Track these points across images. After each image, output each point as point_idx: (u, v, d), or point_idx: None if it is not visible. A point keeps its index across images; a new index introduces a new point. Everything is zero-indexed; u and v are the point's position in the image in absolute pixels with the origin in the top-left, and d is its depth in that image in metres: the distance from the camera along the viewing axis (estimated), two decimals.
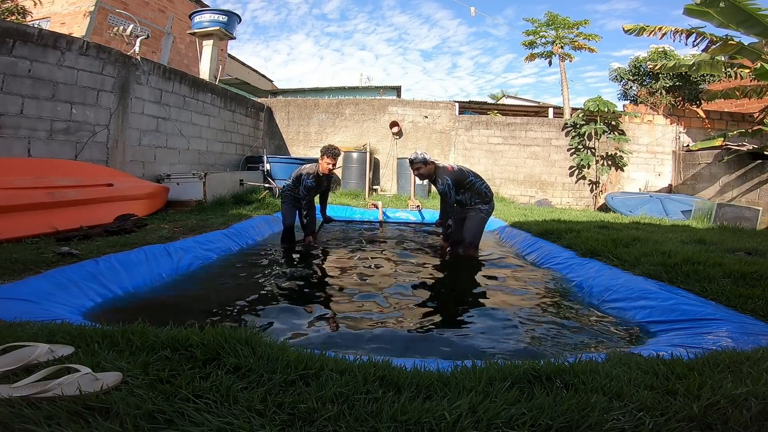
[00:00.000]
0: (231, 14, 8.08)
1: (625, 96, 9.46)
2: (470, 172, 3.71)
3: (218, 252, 3.41)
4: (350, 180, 8.08)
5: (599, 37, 8.74)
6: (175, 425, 0.90)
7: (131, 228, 3.55)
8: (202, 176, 5.28)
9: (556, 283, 3.01)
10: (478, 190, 3.64)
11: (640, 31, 6.69)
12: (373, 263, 3.47)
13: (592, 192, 8.39)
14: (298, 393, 1.04)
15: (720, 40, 6.00)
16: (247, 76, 14.23)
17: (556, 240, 3.91)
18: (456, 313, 2.44)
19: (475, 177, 3.67)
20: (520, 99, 15.99)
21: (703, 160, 7.55)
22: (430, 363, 1.33)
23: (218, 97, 6.97)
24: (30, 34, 3.89)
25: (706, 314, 1.94)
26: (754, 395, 1.06)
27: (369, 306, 2.40)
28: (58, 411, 0.92)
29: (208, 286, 2.69)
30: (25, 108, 3.86)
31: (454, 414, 0.96)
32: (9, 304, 1.73)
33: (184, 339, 1.27)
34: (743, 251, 3.15)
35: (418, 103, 8.88)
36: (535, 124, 8.62)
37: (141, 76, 5.15)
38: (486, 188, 3.71)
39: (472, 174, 3.70)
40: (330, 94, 11.90)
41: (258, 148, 8.30)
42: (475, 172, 3.77)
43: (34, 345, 1.17)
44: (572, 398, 1.05)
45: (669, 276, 2.54)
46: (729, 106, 9.27)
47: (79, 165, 4.19)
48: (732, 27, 5.54)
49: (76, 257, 2.50)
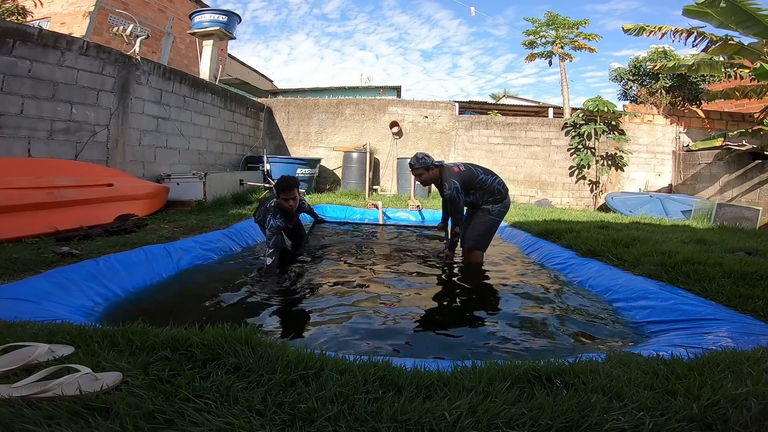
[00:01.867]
0: (231, 14, 8.08)
1: (625, 96, 9.47)
2: (480, 169, 3.29)
3: (218, 252, 3.41)
4: (350, 180, 8.08)
5: (599, 37, 8.75)
6: (175, 425, 0.90)
7: (131, 228, 3.55)
8: (202, 176, 5.28)
9: (555, 283, 3.01)
10: (490, 188, 3.23)
11: (639, 31, 6.70)
12: (362, 280, 2.90)
13: (592, 192, 8.39)
14: (298, 393, 1.04)
15: (720, 40, 6.01)
16: (247, 76, 14.24)
17: (556, 240, 3.91)
18: (455, 312, 2.44)
19: (485, 174, 3.25)
20: (520, 99, 15.99)
21: (703, 160, 7.55)
22: (430, 363, 1.33)
23: (218, 97, 6.97)
24: (30, 34, 3.89)
25: (706, 314, 1.94)
26: (754, 395, 1.06)
27: (367, 305, 2.40)
28: (58, 411, 0.92)
29: (208, 286, 2.69)
30: (25, 108, 3.85)
31: (454, 414, 0.96)
32: (9, 304, 1.73)
33: (184, 339, 1.27)
34: (743, 251, 3.15)
35: (418, 103, 8.88)
36: (535, 124, 8.62)
37: (141, 76, 5.15)
38: (499, 184, 3.28)
39: (482, 171, 3.28)
40: (330, 94, 11.90)
41: (258, 148, 8.30)
42: (485, 168, 3.34)
43: (34, 345, 1.17)
44: (572, 398, 1.05)
45: (669, 276, 2.54)
46: (729, 106, 9.27)
47: (79, 165, 4.19)
48: (732, 27, 5.54)
49: (76, 257, 2.50)
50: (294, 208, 3.03)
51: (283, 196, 2.96)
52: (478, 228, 3.30)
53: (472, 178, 3.19)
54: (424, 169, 3.16)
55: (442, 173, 3.19)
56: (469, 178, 3.18)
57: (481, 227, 3.29)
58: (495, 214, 3.27)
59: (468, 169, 3.24)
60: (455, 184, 3.10)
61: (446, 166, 3.23)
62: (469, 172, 3.21)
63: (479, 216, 3.28)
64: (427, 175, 3.19)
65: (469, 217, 3.37)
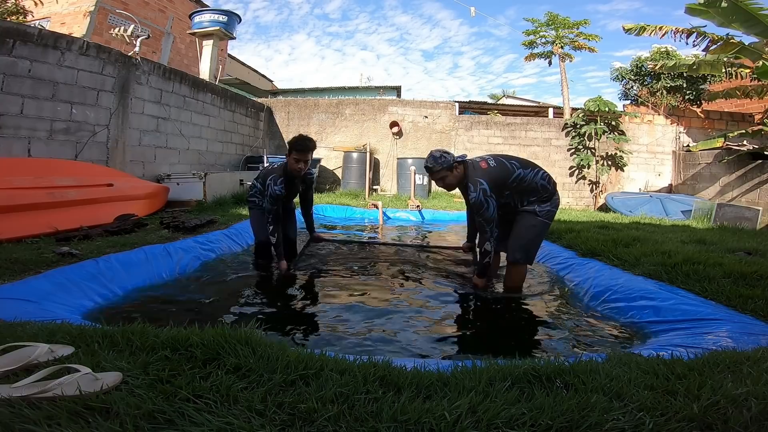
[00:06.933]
0: (231, 14, 8.08)
1: (626, 96, 9.46)
2: (516, 161, 2.50)
3: (218, 252, 3.41)
4: (350, 180, 8.08)
5: (599, 37, 8.75)
6: (175, 425, 0.90)
7: (131, 228, 3.55)
8: (202, 176, 5.28)
9: (555, 283, 3.01)
10: (531, 186, 2.47)
11: (640, 31, 6.70)
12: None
13: (592, 192, 8.39)
14: (298, 393, 1.04)
15: (721, 40, 6.01)
16: (247, 76, 14.24)
17: (556, 240, 3.91)
18: (454, 313, 2.44)
19: (523, 167, 2.47)
20: (520, 99, 16.00)
21: (703, 160, 7.55)
22: (430, 363, 1.33)
23: (218, 97, 6.97)
24: (30, 34, 3.89)
25: (706, 314, 1.94)
26: (754, 395, 1.05)
27: (370, 301, 2.40)
28: (58, 411, 0.92)
29: (208, 286, 2.69)
30: (25, 108, 3.85)
31: (454, 414, 0.96)
32: (9, 304, 1.73)
33: (184, 339, 1.27)
34: (743, 251, 3.15)
35: (418, 103, 8.88)
36: (535, 124, 8.62)
37: (141, 76, 5.15)
38: (543, 179, 2.50)
39: (519, 163, 2.49)
40: (330, 94, 11.90)
41: (258, 148, 8.30)
42: (522, 159, 2.56)
43: (34, 345, 1.17)
44: (572, 398, 1.05)
45: (669, 276, 2.54)
46: (729, 106, 9.27)
47: (79, 165, 4.19)
48: (733, 26, 5.54)
49: (76, 257, 2.50)
50: (301, 172, 2.77)
51: (296, 155, 2.71)
52: (525, 233, 2.51)
53: (506, 176, 2.44)
54: (447, 169, 2.46)
55: (467, 171, 2.49)
56: (502, 176, 2.44)
57: (530, 232, 2.51)
58: (543, 216, 2.50)
59: (500, 163, 2.48)
60: (483, 184, 2.36)
61: (471, 161, 2.52)
62: (501, 167, 2.46)
63: (525, 219, 2.52)
64: (452, 176, 2.49)
65: (506, 223, 2.57)
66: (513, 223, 2.56)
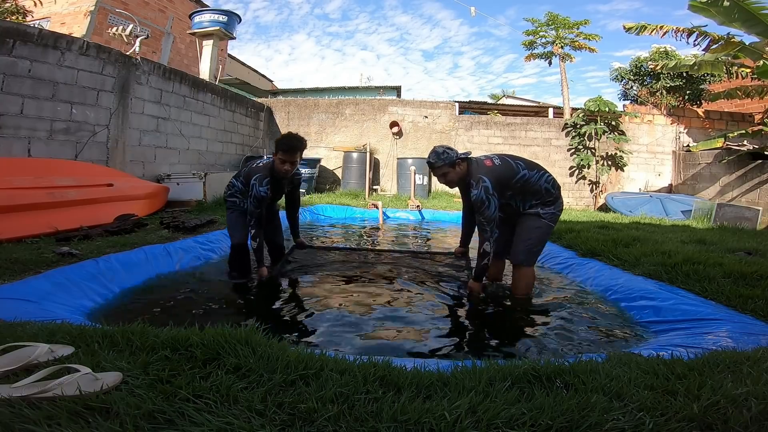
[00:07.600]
0: (231, 14, 8.09)
1: (626, 96, 9.47)
2: (521, 162, 2.46)
3: (219, 252, 3.41)
4: (350, 180, 8.08)
5: (599, 37, 8.74)
6: (175, 425, 0.90)
7: (131, 228, 3.55)
8: (202, 176, 5.28)
9: (555, 283, 3.01)
10: (536, 188, 2.42)
11: (641, 30, 6.69)
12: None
13: (592, 192, 8.39)
14: (298, 393, 1.04)
15: (721, 39, 6.00)
16: (247, 76, 14.25)
17: (556, 240, 3.91)
18: (454, 313, 2.44)
19: (529, 169, 2.43)
20: (520, 99, 16.01)
21: (703, 160, 7.55)
22: (430, 363, 1.33)
23: (218, 97, 6.97)
24: (30, 34, 3.89)
25: (706, 314, 1.94)
26: (754, 395, 1.06)
27: (369, 301, 2.40)
28: (58, 411, 0.92)
29: (209, 286, 2.69)
30: (25, 108, 3.85)
31: (454, 414, 0.96)
32: (9, 304, 1.73)
33: (184, 339, 1.27)
34: (743, 251, 3.15)
35: (418, 103, 8.88)
36: (535, 124, 8.62)
37: (141, 76, 5.15)
38: (548, 182, 2.45)
39: (524, 164, 2.44)
40: (330, 94, 11.90)
41: (258, 148, 8.30)
42: (528, 160, 2.51)
43: (34, 345, 1.17)
44: (572, 398, 1.05)
45: (669, 276, 2.54)
46: (729, 106, 9.27)
47: (79, 165, 4.19)
48: (734, 26, 5.53)
49: (76, 257, 2.50)
50: (288, 174, 2.57)
51: (283, 156, 2.50)
52: (529, 234, 2.46)
53: (510, 175, 2.39)
54: (449, 166, 2.41)
55: (470, 168, 2.43)
56: (506, 175, 2.38)
57: (534, 234, 2.46)
58: (547, 218, 2.47)
59: (505, 162, 2.43)
60: (484, 182, 2.30)
61: (476, 159, 2.49)
62: (506, 166, 2.41)
63: (529, 220, 2.48)
64: (454, 173, 2.44)
65: (508, 226, 2.55)
66: (515, 226, 2.53)
